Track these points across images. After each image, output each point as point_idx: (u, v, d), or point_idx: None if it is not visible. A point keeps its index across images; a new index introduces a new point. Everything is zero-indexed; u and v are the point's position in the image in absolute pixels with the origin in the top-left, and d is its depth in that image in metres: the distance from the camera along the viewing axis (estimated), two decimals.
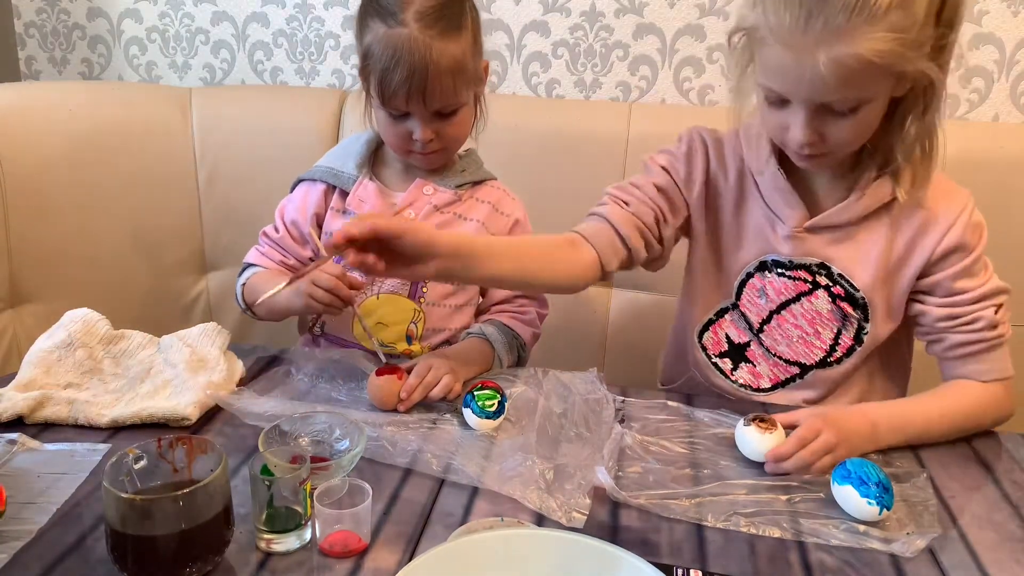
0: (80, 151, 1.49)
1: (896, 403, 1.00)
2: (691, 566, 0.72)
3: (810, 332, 1.05)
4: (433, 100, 1.02)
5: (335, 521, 0.72)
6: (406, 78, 1.00)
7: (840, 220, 1.00)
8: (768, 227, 1.04)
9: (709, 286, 1.11)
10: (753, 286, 1.08)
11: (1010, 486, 0.87)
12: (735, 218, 1.07)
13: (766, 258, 1.05)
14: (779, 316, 1.06)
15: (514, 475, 0.83)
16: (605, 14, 1.58)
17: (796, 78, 0.86)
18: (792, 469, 0.86)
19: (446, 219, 1.13)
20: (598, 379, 1.00)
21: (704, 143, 1.09)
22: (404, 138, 1.08)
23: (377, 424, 0.91)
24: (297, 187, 1.20)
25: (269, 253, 1.19)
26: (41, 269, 1.47)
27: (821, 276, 1.03)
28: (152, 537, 0.64)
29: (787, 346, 1.07)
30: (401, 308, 1.13)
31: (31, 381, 0.94)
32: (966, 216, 0.97)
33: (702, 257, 1.11)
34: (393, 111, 1.05)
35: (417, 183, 1.13)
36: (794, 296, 1.05)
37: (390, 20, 1.00)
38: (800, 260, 1.03)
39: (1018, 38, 1.47)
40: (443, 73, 1.01)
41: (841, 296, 1.03)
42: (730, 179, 1.07)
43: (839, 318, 1.04)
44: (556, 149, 1.50)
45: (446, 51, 1.00)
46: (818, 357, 1.06)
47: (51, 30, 1.85)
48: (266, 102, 1.63)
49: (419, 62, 0.99)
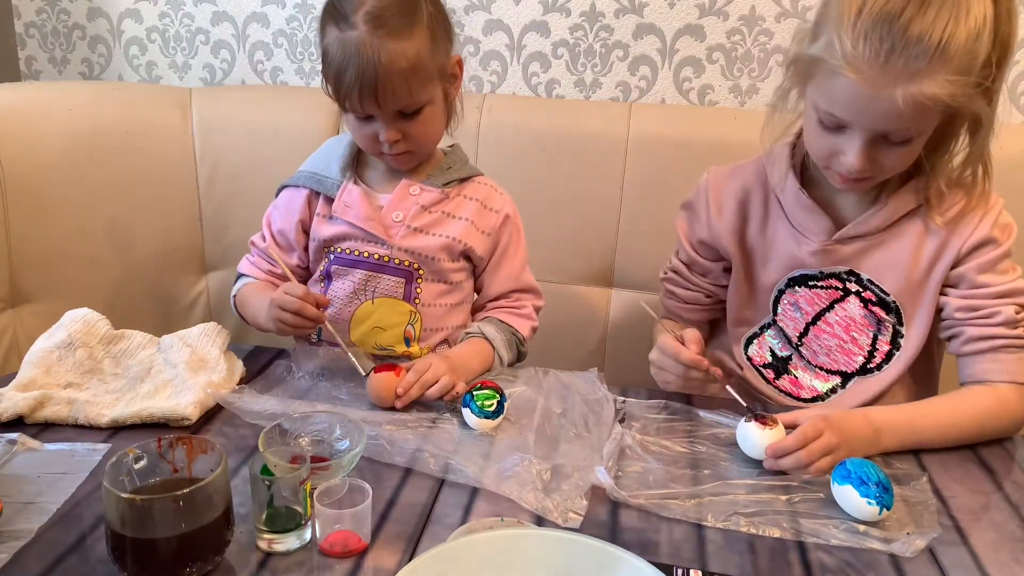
0: (80, 151, 1.49)
1: (902, 408, 0.99)
2: (691, 566, 0.72)
3: (847, 339, 1.07)
4: (387, 102, 1.00)
5: (335, 521, 0.72)
6: (355, 80, 0.98)
7: (867, 229, 1.03)
8: (794, 244, 1.07)
9: (745, 304, 1.14)
10: (787, 302, 1.10)
11: (1010, 486, 0.88)
12: (761, 238, 1.10)
13: (794, 273, 1.08)
14: (815, 327, 1.08)
15: (511, 475, 0.83)
16: (605, 14, 1.58)
17: (867, 109, 0.89)
18: (790, 467, 0.86)
19: (435, 218, 1.12)
20: (599, 379, 1.00)
21: (705, 201, 1.14)
22: (372, 140, 1.06)
23: (376, 423, 0.91)
24: (281, 193, 1.18)
25: (258, 263, 1.19)
26: (41, 269, 1.47)
27: (851, 282, 1.05)
28: (152, 537, 0.64)
29: (827, 356, 1.09)
30: (397, 311, 1.13)
31: (31, 381, 0.94)
32: (994, 214, 1.00)
33: (736, 279, 1.14)
34: (354, 114, 1.04)
35: (403, 184, 1.12)
36: (827, 305, 1.07)
37: (342, 24, 0.99)
38: (829, 270, 1.06)
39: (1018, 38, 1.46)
40: (394, 74, 0.99)
41: (872, 301, 1.05)
42: (755, 204, 1.11)
43: (873, 323, 1.06)
44: (556, 149, 1.49)
45: (397, 51, 0.98)
46: (858, 364, 1.07)
47: (51, 30, 1.85)
48: (266, 102, 1.63)
49: (367, 64, 0.98)
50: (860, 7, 0.86)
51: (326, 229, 1.12)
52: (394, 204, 1.11)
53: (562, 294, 1.53)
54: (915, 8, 0.84)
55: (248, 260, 1.20)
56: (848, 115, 0.91)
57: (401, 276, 1.11)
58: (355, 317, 1.12)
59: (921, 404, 0.99)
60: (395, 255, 1.10)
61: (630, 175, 1.47)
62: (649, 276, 1.24)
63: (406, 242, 1.10)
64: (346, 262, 1.12)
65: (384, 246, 1.10)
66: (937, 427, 0.94)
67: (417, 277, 1.12)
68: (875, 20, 0.85)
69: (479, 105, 1.52)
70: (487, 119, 1.51)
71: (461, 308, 1.18)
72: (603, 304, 1.54)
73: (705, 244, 1.15)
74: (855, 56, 0.87)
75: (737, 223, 1.11)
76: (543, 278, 1.54)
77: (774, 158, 1.08)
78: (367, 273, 1.11)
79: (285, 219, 1.16)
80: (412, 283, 1.12)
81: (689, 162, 1.33)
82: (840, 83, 0.89)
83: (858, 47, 0.86)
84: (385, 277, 1.11)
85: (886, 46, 0.85)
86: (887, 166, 0.95)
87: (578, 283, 1.54)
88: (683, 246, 1.17)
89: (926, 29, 0.84)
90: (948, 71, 0.85)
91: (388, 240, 1.10)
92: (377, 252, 1.10)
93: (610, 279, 1.53)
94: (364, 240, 1.10)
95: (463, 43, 1.63)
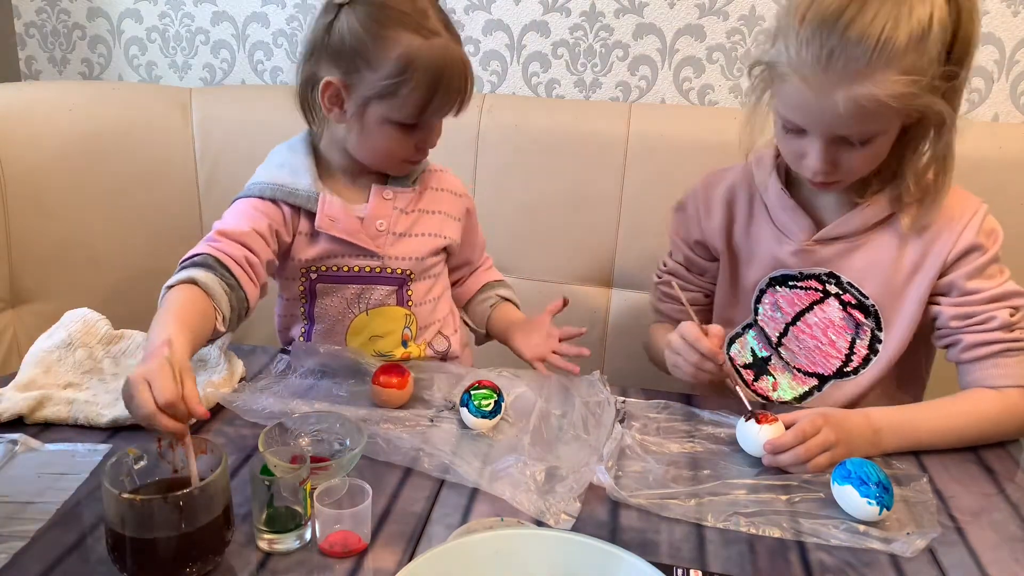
0: (80, 151, 1.49)
1: (904, 409, 0.97)
2: (691, 566, 0.72)
3: (825, 341, 1.08)
4: (457, 112, 1.03)
5: (335, 521, 0.72)
6: (458, 87, 0.99)
7: (846, 231, 1.03)
8: (776, 244, 1.08)
9: (729, 304, 1.15)
10: (767, 301, 1.11)
11: (1010, 486, 0.87)
12: (746, 237, 1.11)
13: (775, 273, 1.09)
14: (795, 327, 1.09)
15: (504, 476, 0.83)
16: (605, 14, 1.58)
17: (815, 113, 0.91)
18: (788, 463, 0.86)
19: (413, 218, 1.10)
20: (601, 382, 1.00)
21: (696, 202, 1.15)
22: (410, 149, 1.04)
23: (375, 422, 0.91)
24: (236, 204, 1.06)
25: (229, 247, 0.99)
26: (41, 269, 1.47)
27: (831, 284, 1.06)
28: (152, 537, 0.64)
29: (805, 357, 1.09)
30: (393, 317, 1.12)
31: (31, 381, 0.94)
32: (978, 220, 0.99)
33: (722, 278, 1.15)
34: (409, 121, 1.00)
35: (376, 191, 1.07)
36: (807, 306, 1.08)
37: (423, 31, 0.97)
38: (809, 271, 1.06)
39: (1018, 38, 1.46)
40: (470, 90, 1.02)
41: (852, 304, 1.05)
42: (740, 204, 1.12)
43: (852, 326, 1.06)
44: (556, 149, 1.49)
45: (465, 57, 1.01)
46: (835, 367, 1.08)
47: (51, 30, 1.85)
48: (266, 102, 1.63)
49: (461, 71, 0.99)
50: (804, 12, 0.88)
51: (310, 249, 1.06)
52: (374, 212, 1.07)
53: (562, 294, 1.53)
54: (855, 10, 0.85)
55: (212, 245, 0.98)
56: (801, 119, 0.93)
57: (394, 284, 1.10)
58: (350, 330, 1.11)
59: (923, 406, 0.99)
60: (387, 264, 1.09)
61: (630, 175, 1.47)
62: (649, 276, 1.24)
63: (395, 250, 1.09)
64: (333, 279, 1.08)
65: (375, 258, 1.08)
66: (938, 429, 0.93)
67: (409, 281, 1.11)
68: (817, 24, 0.86)
69: (479, 105, 1.52)
70: (487, 119, 1.51)
71: (445, 296, 1.19)
72: (603, 304, 1.54)
73: (701, 244, 1.16)
74: (800, 61, 0.88)
75: (724, 223, 1.12)
76: (543, 278, 1.55)
77: (759, 159, 1.10)
78: (359, 287, 1.09)
79: (263, 221, 1.02)
80: (404, 287, 1.11)
81: (689, 162, 1.33)
82: (790, 88, 0.91)
83: (802, 52, 0.87)
84: (378, 288, 1.10)
85: (826, 50, 0.86)
86: (852, 167, 0.95)
87: (578, 283, 1.54)
88: (679, 247, 1.18)
89: (864, 30, 0.84)
90: (893, 71, 0.85)
91: (378, 251, 1.07)
92: (368, 264, 1.08)
93: (610, 279, 1.53)
94: (352, 255, 1.07)
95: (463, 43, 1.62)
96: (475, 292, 1.26)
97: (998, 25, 1.46)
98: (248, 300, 0.99)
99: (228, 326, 0.96)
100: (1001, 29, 1.46)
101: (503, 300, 1.25)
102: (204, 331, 0.91)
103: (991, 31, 1.47)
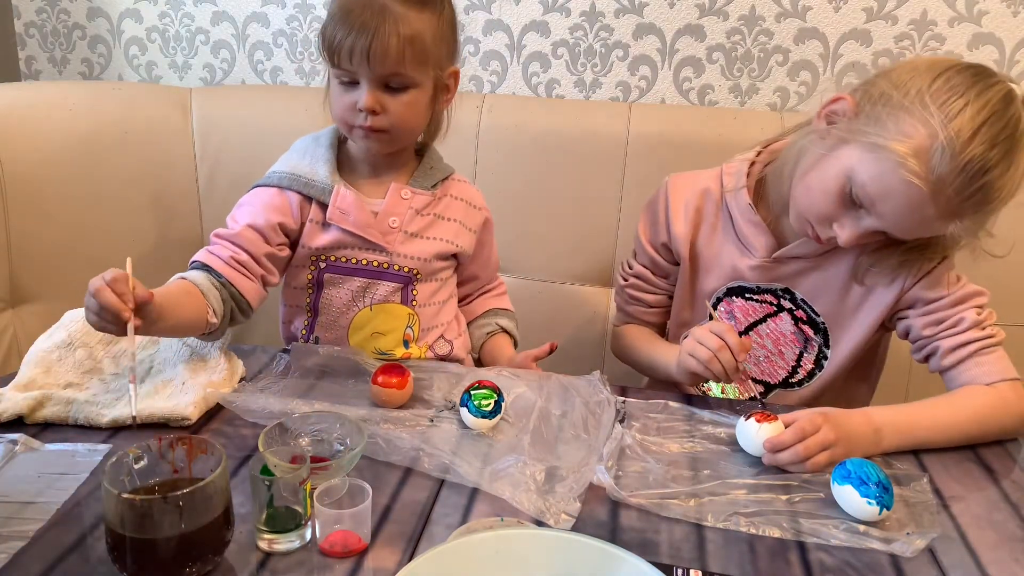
0: (80, 151, 1.49)
1: (903, 408, 0.98)
2: (691, 566, 0.72)
3: (774, 352, 1.14)
4: (377, 61, 0.96)
5: (335, 521, 0.72)
6: (357, 27, 0.95)
7: (805, 252, 1.07)
8: (737, 255, 1.11)
9: (685, 306, 1.19)
10: (723, 309, 1.15)
11: (1010, 486, 0.88)
12: (709, 245, 1.14)
13: (733, 284, 1.13)
14: (746, 336, 1.14)
15: (504, 476, 0.83)
16: (605, 14, 1.58)
17: (902, 212, 0.93)
18: (787, 461, 0.86)
19: (427, 221, 1.11)
20: (601, 382, 1.00)
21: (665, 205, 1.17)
22: (350, 109, 1.01)
23: (375, 422, 0.91)
24: (252, 192, 1.10)
25: (218, 250, 1.06)
26: (41, 269, 1.47)
27: (785, 300, 1.11)
28: (152, 537, 0.64)
29: (754, 364, 1.15)
30: (395, 315, 1.12)
31: (31, 381, 0.94)
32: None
33: (681, 280, 1.18)
34: (341, 74, 0.99)
35: (393, 188, 1.08)
36: (761, 317, 1.13)
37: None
38: (767, 286, 1.11)
39: (1018, 38, 1.47)
40: (394, 35, 0.95)
41: (803, 320, 1.11)
42: (708, 211, 1.14)
43: (801, 341, 1.12)
44: (556, 149, 1.50)
45: (405, 17, 0.96)
46: (781, 377, 1.14)
47: (51, 30, 1.85)
48: (266, 102, 1.63)
49: (372, 17, 0.95)
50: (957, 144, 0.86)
51: (321, 238, 1.07)
52: (389, 209, 1.08)
53: (562, 294, 1.53)
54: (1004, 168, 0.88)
55: (203, 251, 1.06)
56: (882, 208, 0.93)
57: (399, 281, 1.11)
58: (353, 324, 1.11)
59: (922, 404, 0.99)
60: (395, 261, 1.09)
61: (630, 175, 1.47)
62: None
63: (404, 248, 1.09)
64: (341, 270, 1.09)
65: (383, 253, 1.08)
66: (938, 426, 0.94)
67: (414, 280, 1.11)
68: (966, 161, 0.87)
69: (479, 105, 1.52)
70: (487, 119, 1.51)
71: (450, 302, 1.19)
72: (603, 304, 1.54)
73: (666, 247, 1.18)
74: (929, 171, 0.88)
75: (690, 229, 1.14)
76: (543, 278, 1.55)
77: (733, 169, 1.12)
78: (365, 281, 1.10)
79: (262, 216, 1.06)
80: (409, 286, 1.12)
81: (689, 162, 1.33)
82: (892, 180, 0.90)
83: (938, 166, 0.87)
84: (383, 283, 1.10)
85: (963, 180, 0.87)
86: (867, 245, 1.01)
87: (578, 283, 1.54)
88: (644, 249, 1.20)
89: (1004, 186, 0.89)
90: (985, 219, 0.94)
91: (387, 247, 1.08)
92: (376, 259, 1.09)
93: (610, 279, 1.53)
94: (361, 248, 1.08)
95: (463, 43, 1.63)
96: (477, 315, 1.25)
97: (998, 25, 1.46)
98: (244, 295, 1.04)
99: (222, 320, 1.00)
100: (1001, 29, 1.46)
101: (502, 331, 1.24)
102: (186, 305, 0.96)
103: (991, 31, 1.47)
